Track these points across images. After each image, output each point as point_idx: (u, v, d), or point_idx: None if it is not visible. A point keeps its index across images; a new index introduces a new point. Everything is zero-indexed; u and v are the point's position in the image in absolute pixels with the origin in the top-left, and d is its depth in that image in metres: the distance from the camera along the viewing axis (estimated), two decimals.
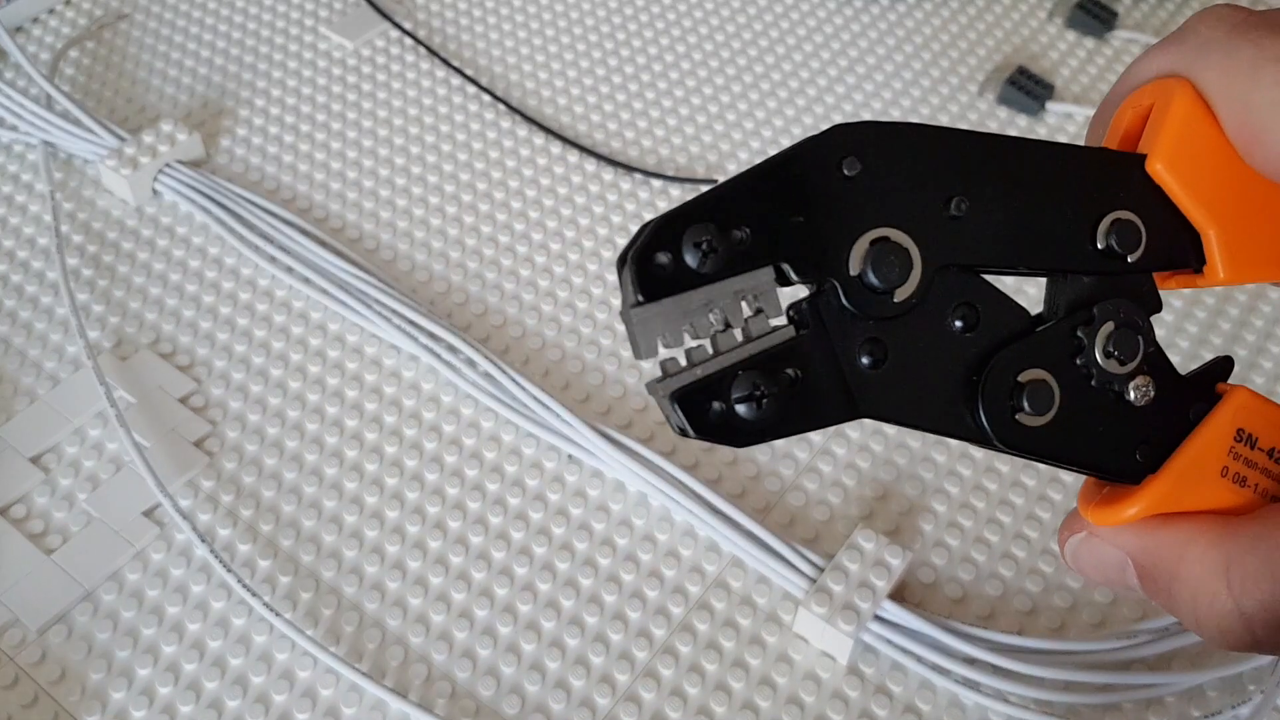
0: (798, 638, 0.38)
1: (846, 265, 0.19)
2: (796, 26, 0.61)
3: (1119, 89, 0.22)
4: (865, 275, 0.19)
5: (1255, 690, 0.37)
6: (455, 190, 0.52)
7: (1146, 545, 0.20)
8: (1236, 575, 0.18)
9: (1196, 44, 0.20)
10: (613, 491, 0.42)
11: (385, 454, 0.42)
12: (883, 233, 0.19)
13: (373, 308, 0.46)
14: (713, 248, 0.19)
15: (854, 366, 0.19)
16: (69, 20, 0.59)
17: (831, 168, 0.19)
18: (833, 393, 0.19)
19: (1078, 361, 0.20)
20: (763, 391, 0.19)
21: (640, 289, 0.19)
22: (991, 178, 0.20)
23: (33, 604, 0.38)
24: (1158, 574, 0.19)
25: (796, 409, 0.19)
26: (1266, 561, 0.18)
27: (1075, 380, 0.20)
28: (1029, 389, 0.20)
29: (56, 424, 0.43)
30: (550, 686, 0.37)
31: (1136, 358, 0.21)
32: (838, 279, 0.19)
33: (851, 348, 0.19)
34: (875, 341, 0.19)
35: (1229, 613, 0.18)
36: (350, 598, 0.39)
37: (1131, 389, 0.21)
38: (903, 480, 0.42)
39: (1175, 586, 0.19)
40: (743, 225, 0.19)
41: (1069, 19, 0.61)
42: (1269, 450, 0.20)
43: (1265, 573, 0.18)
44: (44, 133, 0.52)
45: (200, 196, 0.50)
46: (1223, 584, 0.18)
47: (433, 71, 0.57)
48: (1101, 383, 0.21)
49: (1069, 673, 0.36)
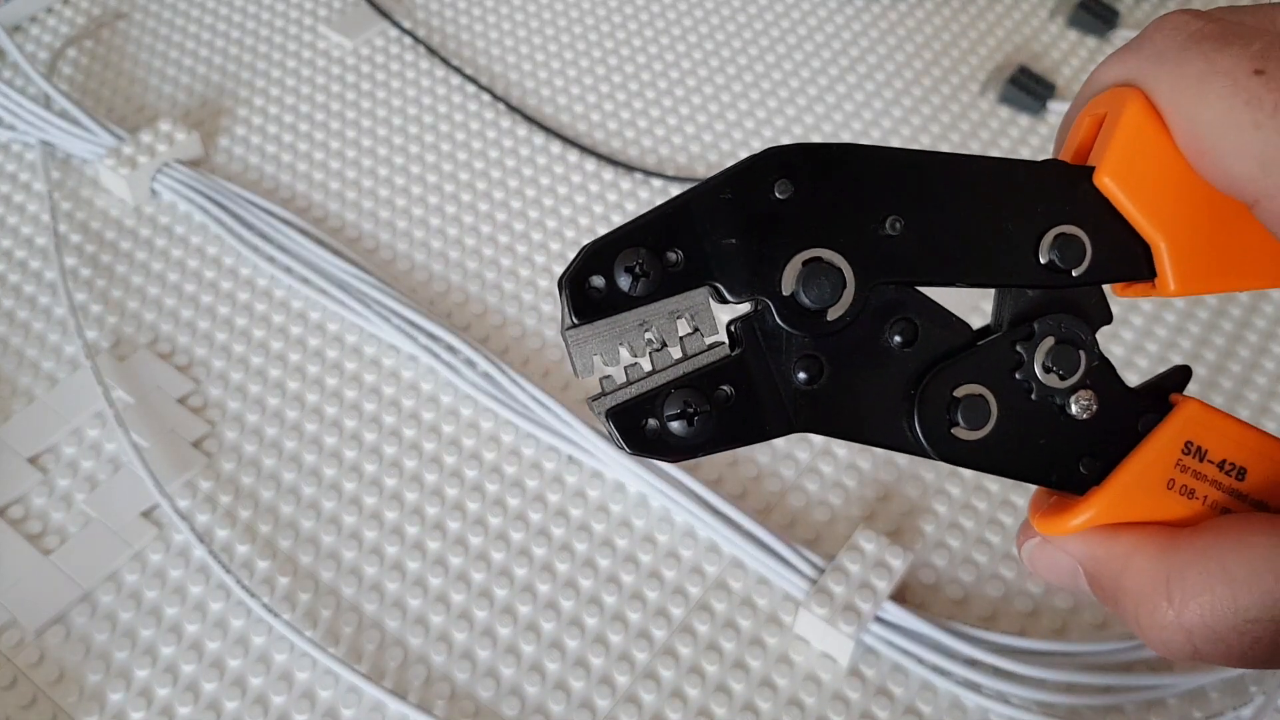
0: (798, 639, 0.38)
1: (779, 285, 0.20)
2: (796, 26, 0.60)
3: (1080, 96, 0.22)
4: (798, 295, 0.20)
5: (1257, 691, 0.37)
6: (454, 190, 0.52)
7: (1094, 554, 0.20)
8: (1177, 590, 0.18)
9: (1151, 53, 0.20)
10: (613, 492, 0.41)
11: (384, 454, 0.42)
12: (815, 253, 0.20)
13: (372, 307, 0.45)
14: (644, 271, 0.19)
15: (789, 383, 0.20)
16: (67, 19, 0.59)
17: (764, 190, 0.20)
18: (769, 409, 0.20)
19: (1017, 376, 0.20)
20: (695, 409, 0.19)
21: (574, 312, 0.19)
22: (928, 196, 0.20)
23: (31, 605, 0.38)
24: (1104, 583, 0.20)
25: (730, 425, 0.20)
26: (1206, 576, 0.18)
27: (1014, 394, 0.20)
28: (964, 404, 0.20)
29: (54, 424, 0.43)
30: (550, 688, 0.37)
31: (1077, 372, 0.21)
32: (771, 299, 0.20)
33: (787, 365, 0.20)
34: (811, 358, 0.20)
35: (1170, 624, 0.18)
36: (349, 599, 0.39)
37: (1073, 403, 0.21)
38: (904, 481, 0.42)
39: (1120, 596, 0.19)
40: (675, 248, 0.19)
41: (1071, 18, 0.60)
42: (1219, 463, 0.20)
43: (1205, 587, 0.18)
44: (42, 132, 0.52)
45: (199, 196, 0.50)
46: (1164, 598, 0.18)
47: (432, 71, 0.57)
48: (1042, 397, 0.21)
49: (1070, 674, 0.36)
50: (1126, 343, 0.46)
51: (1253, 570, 0.18)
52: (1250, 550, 0.18)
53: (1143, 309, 0.48)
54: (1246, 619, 0.18)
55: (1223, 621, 0.18)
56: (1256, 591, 0.18)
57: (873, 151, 0.20)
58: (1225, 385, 0.45)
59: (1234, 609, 0.18)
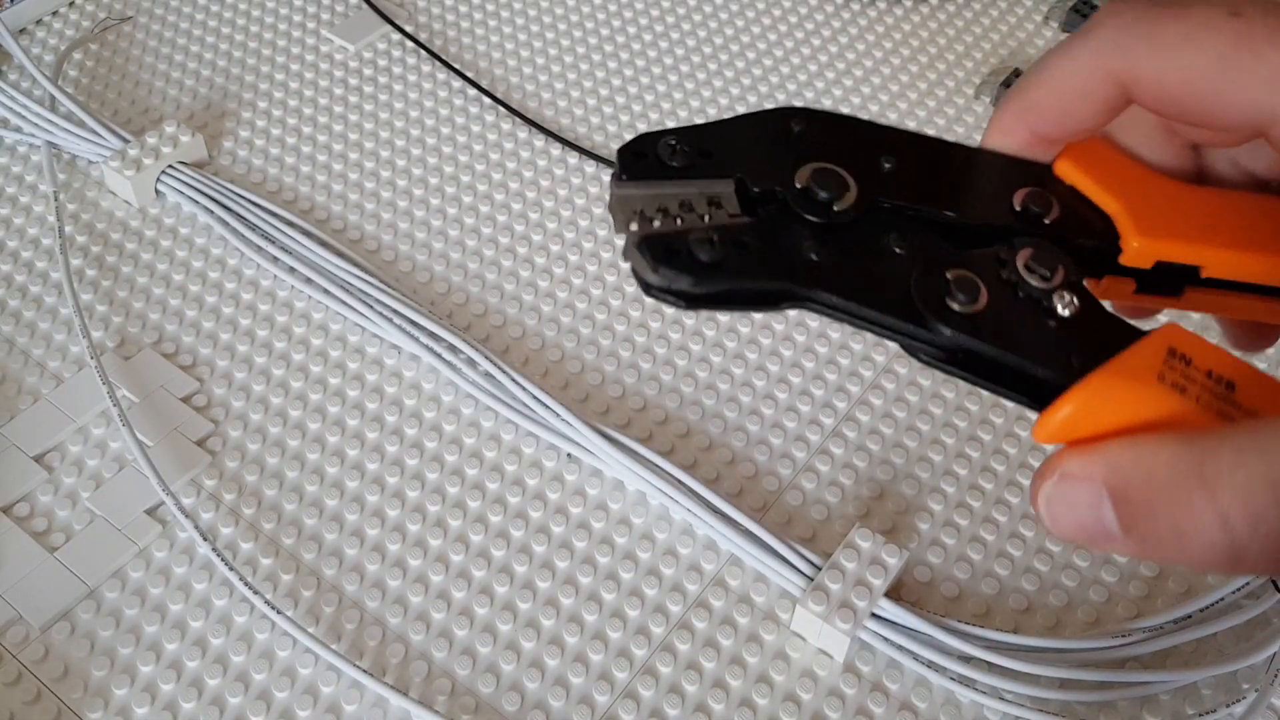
0: (795, 636, 0.38)
1: (793, 181, 0.23)
2: (795, 29, 0.61)
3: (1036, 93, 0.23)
4: (810, 189, 0.23)
5: (1250, 689, 0.37)
6: (456, 191, 0.52)
7: (1118, 464, 0.19)
8: (1211, 471, 0.18)
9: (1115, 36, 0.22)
10: (611, 490, 0.42)
11: (386, 453, 0.43)
12: (824, 165, 0.23)
13: (374, 308, 0.46)
14: (683, 151, 0.23)
15: (799, 254, 0.22)
16: (72, 22, 0.60)
17: (784, 125, 0.23)
18: (780, 264, 0.22)
19: (1003, 275, 0.22)
20: (717, 240, 0.22)
21: (622, 168, 0.23)
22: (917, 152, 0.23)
23: (36, 601, 0.38)
24: (1132, 494, 0.19)
25: (749, 260, 0.22)
26: (1239, 453, 0.18)
27: (1003, 290, 0.22)
28: (956, 281, 0.22)
29: (60, 423, 0.43)
30: (549, 684, 0.37)
31: (1057, 274, 0.22)
32: (786, 189, 0.23)
33: (798, 241, 0.22)
34: (819, 240, 0.22)
35: (1206, 516, 0.18)
36: (351, 595, 0.39)
37: (1057, 300, 0.22)
38: (899, 480, 0.43)
39: (1152, 502, 0.18)
40: (710, 148, 0.23)
41: (1065, 22, 0.61)
42: (1206, 372, 0.20)
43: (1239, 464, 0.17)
44: (48, 134, 0.52)
45: (203, 197, 0.50)
46: (1198, 483, 0.18)
47: (434, 74, 0.58)
48: (1028, 295, 0.22)
49: (1064, 670, 0.37)
50: None
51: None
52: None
53: None
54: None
55: (1259, 498, 0.17)
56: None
57: (868, 122, 0.24)
58: None
59: (1270, 482, 0.17)
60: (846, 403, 0.45)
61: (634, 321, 0.47)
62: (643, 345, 0.47)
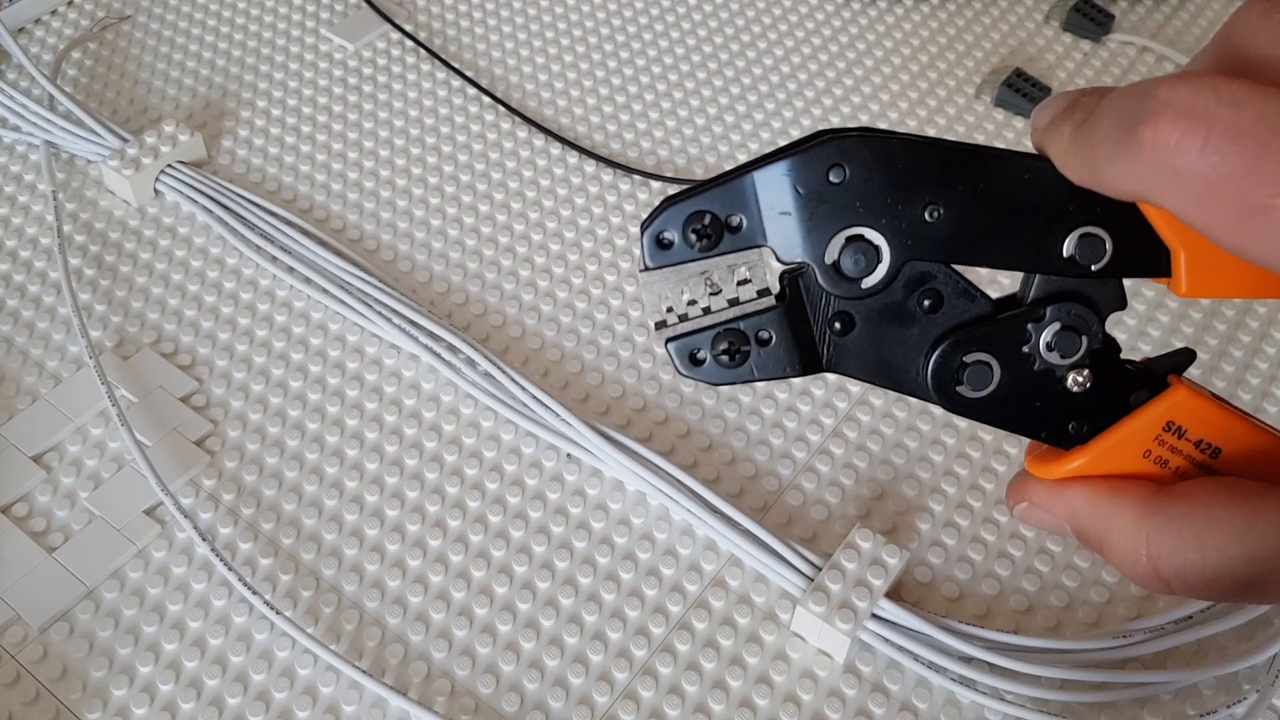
0: (795, 636, 0.38)
1: (824, 253, 0.23)
2: (795, 28, 0.61)
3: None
4: (839, 263, 0.23)
5: (1250, 689, 0.37)
6: (455, 191, 0.52)
7: (1079, 515, 0.23)
8: (1155, 551, 0.21)
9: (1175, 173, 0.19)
10: (611, 490, 0.42)
11: (385, 453, 0.43)
12: (858, 231, 0.23)
13: (373, 308, 0.46)
14: (708, 233, 0.23)
15: (825, 332, 0.23)
16: (71, 22, 0.60)
17: (820, 174, 0.22)
18: (803, 352, 0.23)
19: (1024, 350, 0.23)
20: (737, 349, 0.23)
21: (647, 257, 0.23)
22: (967, 188, 0.22)
23: (34, 602, 0.38)
24: (1089, 539, 0.23)
25: (767, 362, 0.23)
26: (1179, 541, 0.21)
27: (1019, 364, 0.23)
28: (971, 369, 0.23)
29: (58, 423, 0.43)
30: (549, 684, 0.37)
31: (1077, 354, 0.23)
32: (815, 264, 0.23)
33: (824, 317, 0.23)
34: (844, 314, 0.23)
35: (1148, 574, 0.21)
36: (350, 596, 0.39)
37: (1070, 378, 0.23)
38: (900, 480, 0.43)
39: (1104, 550, 0.22)
40: (738, 214, 0.23)
41: (1066, 21, 0.61)
42: (1196, 441, 0.22)
43: (1177, 550, 0.21)
44: (46, 133, 0.52)
45: (202, 197, 0.50)
46: (1143, 554, 0.21)
47: (433, 73, 0.57)
48: (1043, 369, 0.23)
49: (1065, 671, 0.37)
50: (1129, 328, 0.47)
51: (1221, 537, 0.20)
52: (1219, 523, 0.21)
53: (1146, 295, 0.48)
54: (1215, 575, 0.20)
55: (1193, 576, 0.21)
56: (1223, 557, 0.20)
57: (920, 142, 0.22)
58: (1227, 369, 0.46)
59: (1203, 569, 0.21)
60: (847, 403, 0.45)
61: (634, 321, 0.47)
62: (643, 345, 0.47)
